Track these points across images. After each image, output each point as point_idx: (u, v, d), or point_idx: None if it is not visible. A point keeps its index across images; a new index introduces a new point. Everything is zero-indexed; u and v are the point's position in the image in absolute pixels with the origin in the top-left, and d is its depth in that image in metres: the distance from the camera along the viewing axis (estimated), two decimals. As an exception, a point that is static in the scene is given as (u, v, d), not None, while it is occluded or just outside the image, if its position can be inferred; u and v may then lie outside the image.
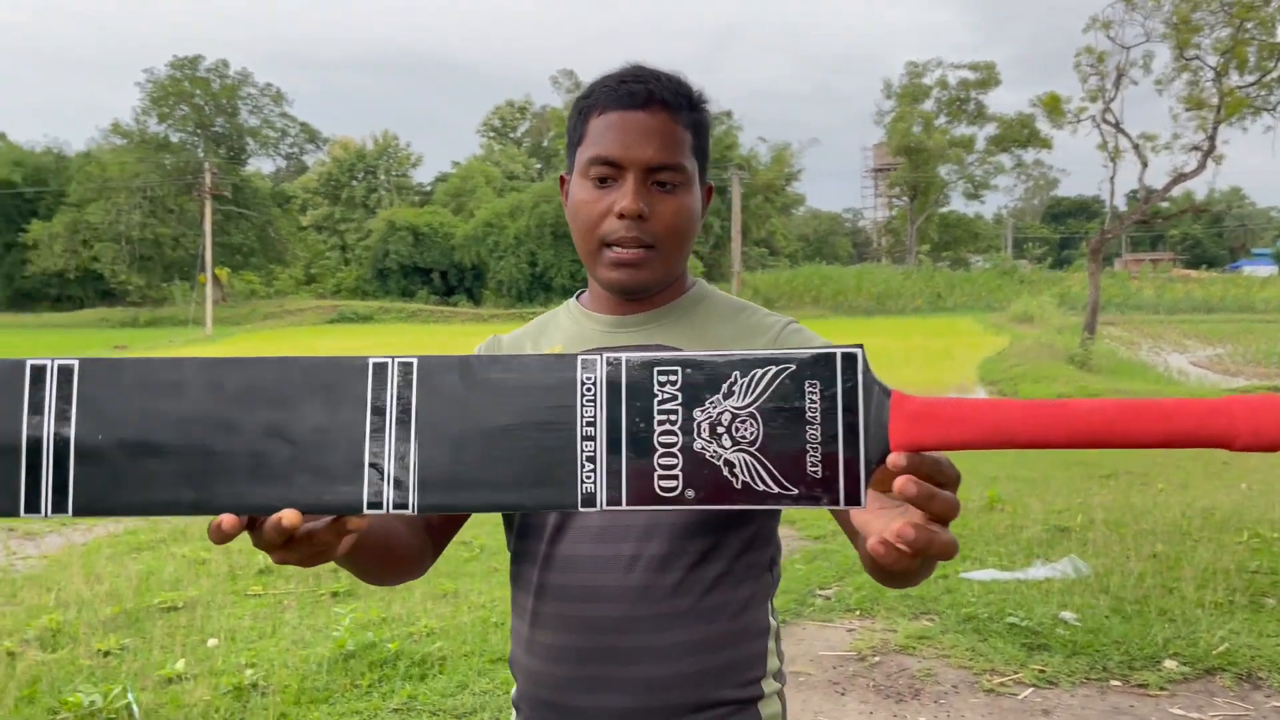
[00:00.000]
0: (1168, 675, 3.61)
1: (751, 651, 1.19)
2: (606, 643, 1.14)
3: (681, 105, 1.16)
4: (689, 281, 1.27)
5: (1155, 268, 57.33)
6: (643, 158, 1.13)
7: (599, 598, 1.14)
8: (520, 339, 1.31)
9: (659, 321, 1.22)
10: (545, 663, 1.18)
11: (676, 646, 1.14)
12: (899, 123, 47.89)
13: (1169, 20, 19.80)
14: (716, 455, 0.74)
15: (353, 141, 56.25)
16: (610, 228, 1.14)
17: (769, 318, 1.24)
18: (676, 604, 1.14)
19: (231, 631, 4.13)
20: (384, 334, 35.49)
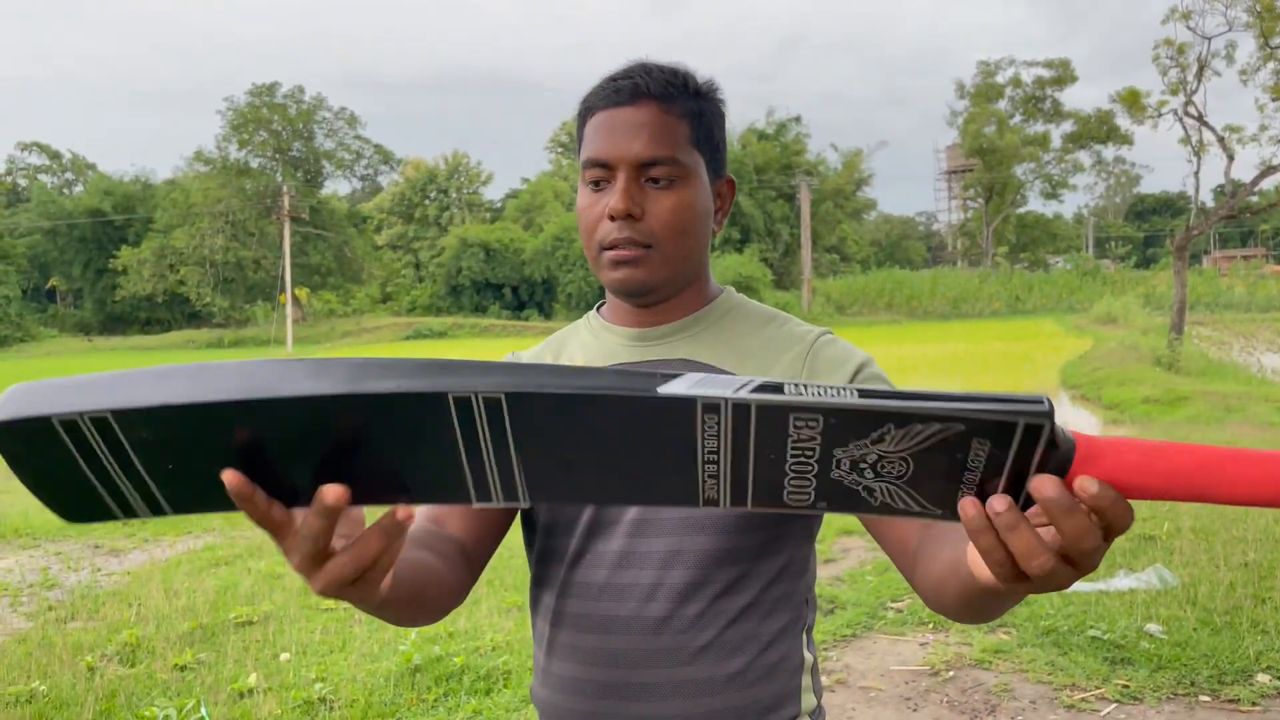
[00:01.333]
0: (1260, 690, 3.44)
1: (782, 689, 1.12)
2: (623, 677, 1.08)
3: (673, 96, 1.10)
4: (714, 290, 1.21)
5: (1246, 264, 55.22)
6: (629, 154, 1.07)
7: (617, 628, 1.08)
8: (541, 354, 1.26)
9: (683, 334, 1.16)
10: (561, 695, 1.12)
11: (698, 682, 1.07)
12: (972, 123, 47.04)
13: (1252, 8, 19.09)
14: (855, 483, 0.65)
15: (424, 161, 57.33)
16: (605, 230, 1.09)
17: (800, 328, 1.18)
18: (697, 637, 1.07)
19: (303, 646, 4.19)
20: (459, 349, 35.97)
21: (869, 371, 1.12)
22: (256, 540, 6.27)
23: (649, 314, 1.17)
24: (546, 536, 1.15)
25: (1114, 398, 17.10)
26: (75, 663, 3.97)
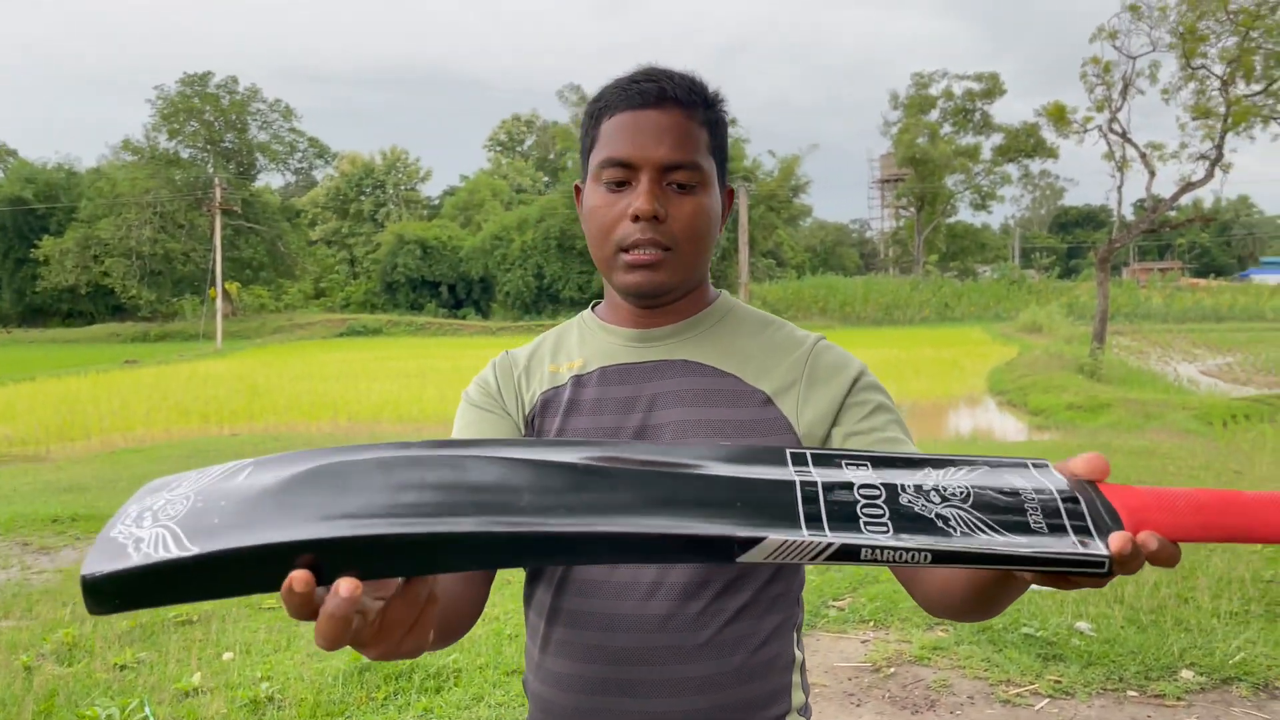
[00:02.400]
0: (1184, 685, 3.60)
1: (774, 686, 1.14)
2: (621, 674, 1.09)
3: (696, 103, 1.11)
4: (712, 293, 1.22)
5: (1163, 276, 57.19)
6: (656, 156, 1.07)
7: (615, 626, 1.08)
8: (536, 353, 1.24)
9: (683, 335, 1.17)
10: (556, 691, 1.13)
11: (695, 679, 1.08)
12: (905, 134, 47.97)
13: (1175, 30, 19.81)
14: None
15: (361, 156, 56.57)
16: (625, 231, 1.09)
17: (797, 333, 1.20)
18: (697, 635, 1.08)
19: (247, 645, 4.14)
20: (393, 347, 35.56)
21: (865, 380, 1.15)
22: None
23: (649, 315, 1.18)
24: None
25: (1039, 404, 17.58)
26: (10, 662, 3.88)
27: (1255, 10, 18.68)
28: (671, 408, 1.12)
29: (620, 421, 1.13)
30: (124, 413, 17.54)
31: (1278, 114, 19.74)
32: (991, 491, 0.70)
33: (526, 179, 59.81)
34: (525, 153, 65.59)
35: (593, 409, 1.15)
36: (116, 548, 0.67)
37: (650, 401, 1.13)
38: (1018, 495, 0.70)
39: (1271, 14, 18.64)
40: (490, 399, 1.21)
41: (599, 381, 1.17)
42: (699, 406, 1.12)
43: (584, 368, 1.18)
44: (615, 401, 1.15)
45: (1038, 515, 0.69)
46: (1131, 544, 0.67)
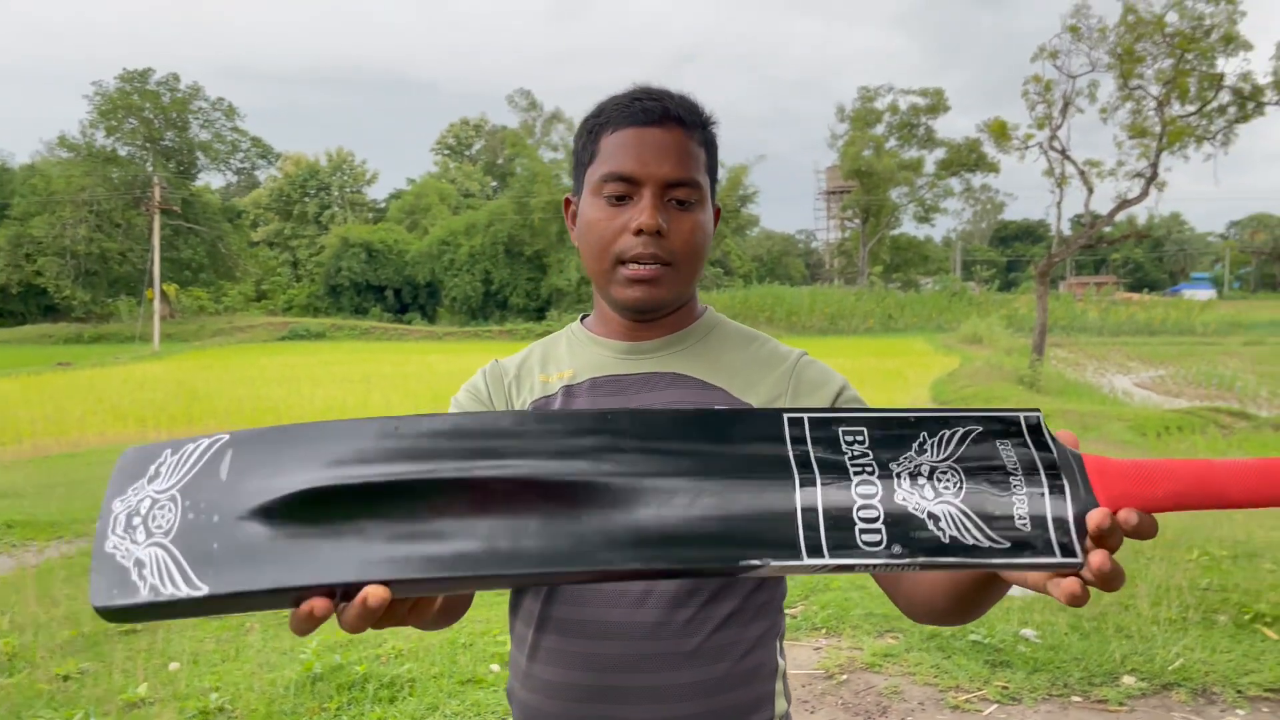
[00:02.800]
0: (1126, 691, 3.70)
1: (759, 693, 1.16)
2: (610, 681, 1.10)
3: (696, 123, 1.15)
4: (699, 307, 1.25)
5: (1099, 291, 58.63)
6: (660, 173, 1.10)
7: (606, 634, 1.09)
8: (525, 363, 1.26)
9: (673, 349, 1.20)
10: (543, 698, 1.13)
11: (683, 687, 1.10)
12: (851, 146, 48.61)
13: (1113, 51, 20.35)
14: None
15: (305, 157, 55.79)
16: (627, 244, 1.11)
17: (781, 348, 1.23)
18: (686, 642, 1.10)
19: (194, 655, 4.06)
20: (337, 352, 35.11)
21: (848, 394, 1.19)
22: (135, 546, 6.03)
23: (639, 328, 1.20)
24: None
25: (981, 414, 17.88)
26: (-54, 674, 3.77)
27: (1190, 34, 19.28)
28: None
29: None
30: (57, 417, 17.07)
31: (1210, 135, 20.38)
32: (982, 478, 0.73)
33: (474, 183, 59.48)
34: (473, 157, 65.23)
35: None
36: (118, 572, 0.69)
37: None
38: (1007, 484, 0.73)
39: (1206, 37, 19.26)
40: (480, 405, 1.22)
41: (590, 392, 1.18)
42: None
43: (574, 378, 1.20)
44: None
45: (1024, 510, 0.72)
46: (1110, 519, 0.70)
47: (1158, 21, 19.59)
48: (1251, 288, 79.28)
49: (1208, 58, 19.51)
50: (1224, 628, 4.29)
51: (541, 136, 54.35)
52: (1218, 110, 20.24)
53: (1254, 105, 19.82)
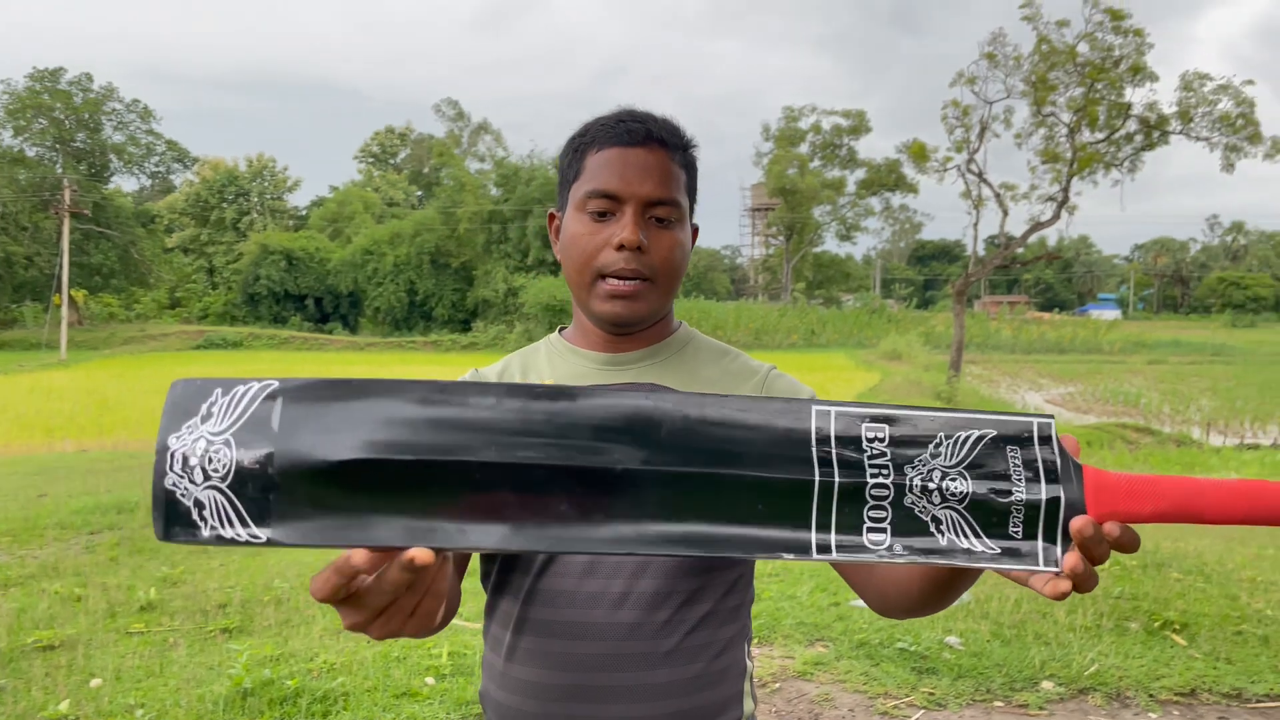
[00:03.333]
0: (1046, 695, 3.83)
1: (729, 693, 1.19)
2: (588, 681, 1.12)
3: (678, 145, 1.20)
4: (674, 322, 1.29)
5: (1011, 310, 60.42)
6: (642, 192, 1.14)
7: (585, 634, 1.12)
8: (505, 374, 1.28)
9: (651, 361, 1.24)
10: (523, 698, 1.16)
11: (659, 686, 1.13)
12: (775, 164, 49.30)
13: (1028, 78, 21.10)
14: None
15: (224, 162, 54.48)
16: (608, 259, 1.15)
17: (751, 363, 1.28)
18: (663, 643, 1.13)
19: (117, 671, 3.95)
20: (255, 361, 34.33)
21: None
22: (49, 560, 5.84)
23: (618, 340, 1.24)
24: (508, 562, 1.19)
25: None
26: None
27: (1100, 64, 20.09)
28: None
29: None
30: (-41, 425, 16.39)
31: (1118, 161, 21.23)
32: (987, 485, 0.77)
33: (399, 192, 58.80)
34: (398, 166, 64.53)
35: None
36: (180, 511, 0.73)
37: None
38: (1009, 493, 0.77)
39: (1115, 67, 20.08)
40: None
41: None
42: None
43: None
44: None
45: (1019, 518, 0.77)
46: (1092, 527, 0.75)
47: (1070, 51, 20.37)
48: (1154, 309, 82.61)
49: (1116, 87, 20.36)
50: (1136, 634, 4.48)
51: (469, 146, 54.07)
52: (1125, 138, 21.11)
53: (1159, 134, 20.73)
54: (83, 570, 5.60)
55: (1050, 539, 0.77)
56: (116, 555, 5.99)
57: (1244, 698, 3.82)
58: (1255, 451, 16.52)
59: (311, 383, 0.76)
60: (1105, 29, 20.12)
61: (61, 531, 6.70)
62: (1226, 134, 20.40)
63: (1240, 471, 13.91)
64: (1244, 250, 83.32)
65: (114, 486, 8.56)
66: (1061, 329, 48.31)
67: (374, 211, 53.61)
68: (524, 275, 42.37)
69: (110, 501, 7.63)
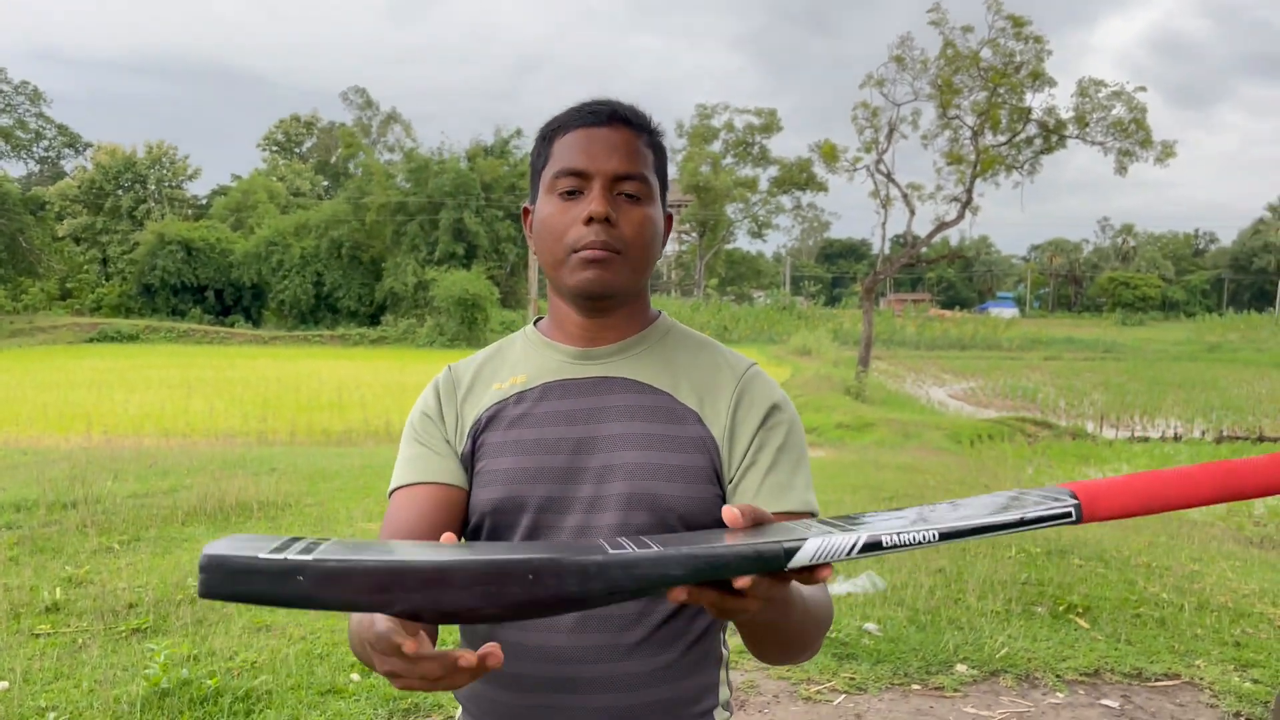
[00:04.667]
0: (960, 678, 3.98)
1: (705, 681, 1.21)
2: (562, 672, 1.14)
3: (643, 126, 1.21)
4: (653, 313, 1.30)
5: (915, 307, 62.07)
6: (608, 167, 1.15)
7: (556, 626, 1.14)
8: (480, 371, 1.29)
9: (625, 354, 1.24)
10: (497, 690, 1.17)
11: (632, 676, 1.15)
12: (689, 162, 49.66)
13: (934, 82, 21.67)
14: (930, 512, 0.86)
15: (120, 148, 52.40)
16: (578, 234, 1.15)
17: (732, 357, 1.28)
18: (634, 633, 1.15)
19: (24, 673, 3.80)
20: (152, 355, 33.15)
21: (776, 418, 1.22)
22: (-57, 561, 5.57)
23: (592, 332, 1.24)
24: (490, 540, 1.20)
25: (811, 423, 18.64)
26: None
27: (1002, 69, 20.75)
28: (612, 421, 1.19)
29: (563, 434, 1.19)
30: None
31: (1018, 163, 21.97)
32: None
33: (305, 182, 57.39)
34: (304, 155, 63.00)
35: (536, 422, 1.20)
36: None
37: (590, 415, 1.19)
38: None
39: (1016, 73, 20.77)
40: (432, 429, 1.25)
41: (541, 397, 1.22)
42: (637, 421, 1.18)
43: (527, 384, 1.24)
44: (558, 415, 1.20)
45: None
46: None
47: (973, 56, 21.00)
48: (1049, 307, 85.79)
49: (1017, 92, 21.06)
50: (1042, 618, 4.67)
51: (378, 136, 53.09)
52: (1025, 141, 21.86)
53: (1057, 138, 21.51)
54: (-21, 571, 5.36)
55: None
56: (16, 555, 5.74)
57: (1144, 677, 4.02)
58: (1145, 444, 17.32)
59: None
60: (1007, 35, 20.80)
61: (-46, 531, 6.39)
62: (1120, 139, 21.31)
63: (1131, 463, 14.57)
64: (1133, 251, 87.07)
65: (8, 484, 8.19)
66: (963, 326, 49.81)
67: (278, 201, 52.23)
68: (434, 269, 41.79)
69: (6, 499, 7.30)
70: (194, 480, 8.41)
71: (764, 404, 1.22)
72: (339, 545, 0.76)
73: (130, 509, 7.17)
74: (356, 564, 0.73)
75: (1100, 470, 13.94)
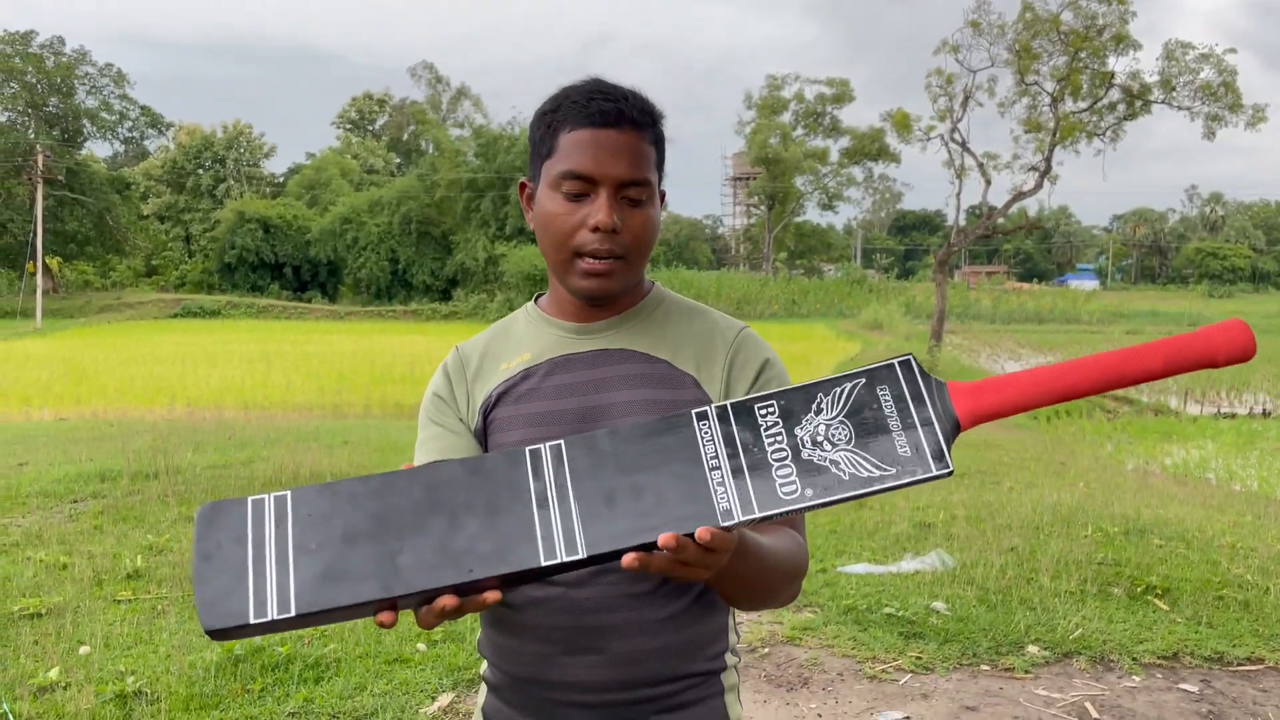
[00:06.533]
0: (1031, 659, 3.89)
1: (715, 627, 1.29)
2: (587, 622, 1.21)
3: (647, 123, 1.24)
4: (646, 285, 1.36)
5: (990, 280, 60.72)
6: (615, 174, 1.20)
7: (581, 581, 1.21)
8: (487, 350, 1.36)
9: (621, 327, 1.31)
10: (525, 641, 1.25)
11: (650, 623, 1.22)
12: (758, 134, 49.10)
13: (1011, 47, 21.04)
14: (823, 459, 0.91)
15: (200, 128, 53.70)
16: (584, 239, 1.21)
17: (723, 321, 1.35)
18: (646, 583, 1.22)
19: (105, 638, 3.93)
20: (233, 330, 34.07)
21: (769, 373, 1.30)
22: (33, 528, 5.79)
23: (590, 310, 1.31)
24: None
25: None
26: None
27: (1084, 33, 20.05)
28: (615, 390, 1.26)
29: (570, 405, 1.27)
30: (-66, 394, 16.21)
31: (1100, 130, 21.26)
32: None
33: (378, 159, 58.21)
34: (377, 132, 63.84)
35: (544, 396, 1.28)
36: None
37: (594, 385, 1.27)
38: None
39: (1098, 36, 20.05)
40: (445, 409, 1.35)
41: (546, 372, 1.30)
42: (636, 389, 1.26)
43: (533, 361, 1.31)
44: (563, 388, 1.28)
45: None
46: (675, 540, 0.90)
47: (1054, 20, 20.32)
48: (1133, 279, 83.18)
49: (1099, 56, 20.34)
50: (1119, 599, 4.54)
51: (448, 112, 53.49)
52: (1108, 107, 21.13)
53: (1141, 103, 20.75)
54: (67, 538, 5.57)
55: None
56: (101, 523, 5.95)
57: (1225, 661, 3.88)
58: (1231, 420, 16.72)
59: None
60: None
61: (44, 500, 6.65)
62: (1208, 103, 20.47)
63: (1216, 440, 14.08)
64: (1222, 221, 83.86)
65: (95, 455, 8.50)
66: (1041, 299, 48.58)
67: (352, 178, 53.08)
68: (504, 244, 42.10)
69: (92, 470, 7.57)
70: (270, 452, 8.63)
71: (756, 363, 1.30)
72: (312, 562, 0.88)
73: (209, 479, 7.38)
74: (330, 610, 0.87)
75: (1184, 448, 13.50)
